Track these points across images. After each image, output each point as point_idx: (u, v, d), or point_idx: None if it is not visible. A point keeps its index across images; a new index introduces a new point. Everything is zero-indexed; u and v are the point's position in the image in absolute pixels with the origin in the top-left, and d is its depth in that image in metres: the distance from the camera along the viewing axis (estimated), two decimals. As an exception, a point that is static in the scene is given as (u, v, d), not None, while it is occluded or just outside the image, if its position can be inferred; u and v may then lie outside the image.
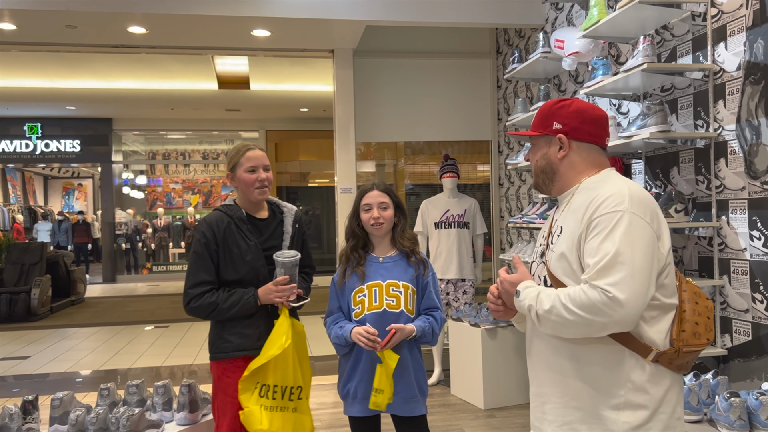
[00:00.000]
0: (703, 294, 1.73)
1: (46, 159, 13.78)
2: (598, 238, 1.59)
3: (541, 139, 1.83)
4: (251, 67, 9.99)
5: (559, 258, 1.70)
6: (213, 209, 2.68)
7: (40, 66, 9.60)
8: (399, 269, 2.63)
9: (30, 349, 7.48)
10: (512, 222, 4.70)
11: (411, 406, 2.58)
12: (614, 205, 1.60)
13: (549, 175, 1.82)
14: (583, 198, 1.70)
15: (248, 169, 2.58)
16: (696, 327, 1.64)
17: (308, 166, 15.11)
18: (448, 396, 5.11)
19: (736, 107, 3.07)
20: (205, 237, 2.54)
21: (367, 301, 2.58)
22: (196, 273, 2.52)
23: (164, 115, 13.39)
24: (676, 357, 1.63)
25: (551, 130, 1.79)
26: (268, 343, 2.50)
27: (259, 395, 2.46)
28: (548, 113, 1.81)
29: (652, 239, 1.60)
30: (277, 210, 2.75)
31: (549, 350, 1.73)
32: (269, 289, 2.52)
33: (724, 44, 3.13)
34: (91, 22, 4.82)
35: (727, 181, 3.13)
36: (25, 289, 9.47)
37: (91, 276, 15.37)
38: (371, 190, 2.66)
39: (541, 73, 4.80)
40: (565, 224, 1.72)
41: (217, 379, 2.58)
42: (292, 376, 2.52)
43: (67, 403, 2.66)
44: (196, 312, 2.53)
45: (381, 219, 2.60)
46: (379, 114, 5.82)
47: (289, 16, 4.76)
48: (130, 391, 2.82)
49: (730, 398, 2.49)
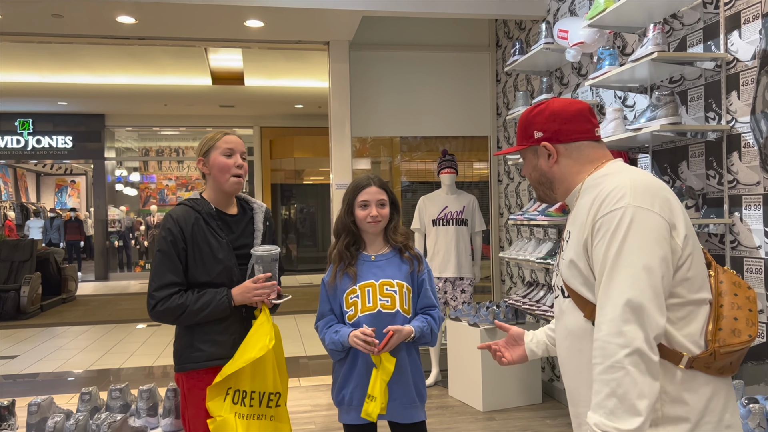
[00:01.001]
0: (744, 283, 1.55)
1: (37, 155, 13.59)
2: (603, 241, 1.46)
3: (527, 151, 1.72)
4: (245, 62, 9.83)
5: (569, 266, 1.57)
6: (177, 203, 2.44)
7: (32, 60, 9.41)
8: (393, 267, 2.47)
9: (18, 348, 7.31)
10: (512, 219, 4.56)
11: (410, 412, 2.43)
12: (615, 202, 1.46)
13: (547, 185, 1.71)
14: (586, 198, 1.57)
15: (225, 152, 2.36)
16: (734, 323, 1.47)
17: (303, 163, 14.95)
18: (446, 398, 4.97)
19: (750, 98, 2.93)
20: (172, 234, 2.29)
21: (360, 303, 2.42)
22: (161, 274, 2.28)
23: (158, 111, 13.22)
24: (713, 360, 1.45)
25: (534, 140, 1.68)
26: (246, 345, 2.28)
27: (232, 402, 2.24)
28: (526, 123, 1.70)
29: (664, 230, 1.44)
30: (247, 206, 2.54)
31: (583, 366, 1.56)
32: (247, 287, 2.31)
33: (738, 32, 3.00)
34: (78, 11, 4.65)
35: (740, 176, 3.00)
36: (15, 287, 9.30)
37: (84, 273, 15.20)
38: (368, 185, 2.47)
39: (542, 66, 4.66)
40: (573, 229, 1.59)
41: (188, 391, 2.36)
42: (271, 382, 2.32)
43: (45, 408, 2.50)
44: (162, 316, 2.29)
45: (379, 216, 2.44)
46: (375, 108, 5.67)
47: (283, 6, 4.60)
48: (113, 396, 2.66)
49: (748, 404, 2.35)
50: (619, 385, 1.36)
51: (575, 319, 1.57)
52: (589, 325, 1.51)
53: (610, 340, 1.38)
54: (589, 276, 1.52)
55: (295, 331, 7.91)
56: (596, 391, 1.41)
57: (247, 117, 13.85)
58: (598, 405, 1.39)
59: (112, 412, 2.55)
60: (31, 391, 5.51)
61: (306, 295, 10.97)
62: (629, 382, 1.36)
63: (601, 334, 1.41)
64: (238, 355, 2.30)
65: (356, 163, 9.83)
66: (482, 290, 6.13)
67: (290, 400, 4.93)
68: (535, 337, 1.95)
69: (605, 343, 1.39)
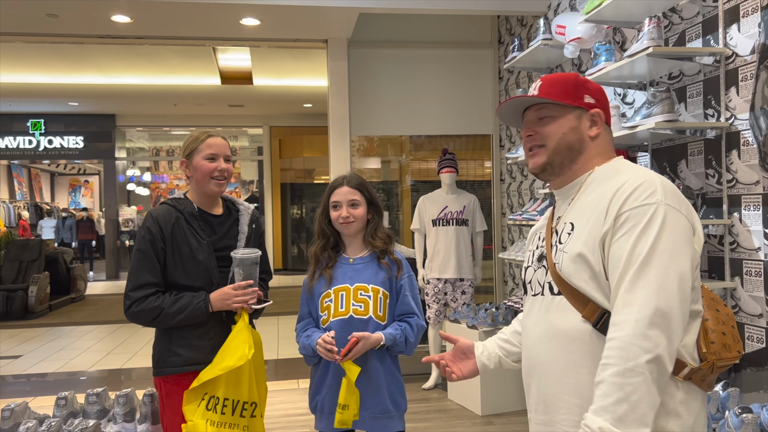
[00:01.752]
0: (720, 300, 1.49)
1: (49, 155, 13.67)
2: (630, 236, 1.34)
3: (570, 111, 1.56)
4: (254, 61, 9.81)
5: (576, 260, 1.43)
6: (160, 203, 2.39)
7: (42, 61, 9.46)
8: (369, 271, 2.37)
9: (23, 347, 7.33)
10: (512, 219, 4.46)
11: (383, 422, 2.33)
12: (647, 196, 1.36)
13: (574, 154, 1.56)
14: (598, 190, 1.46)
15: (207, 157, 2.32)
16: (723, 338, 1.40)
17: (313, 162, 14.90)
18: (445, 401, 4.88)
19: (749, 94, 2.81)
20: (151, 233, 2.25)
21: (333, 307, 2.34)
22: (139, 274, 2.23)
23: (168, 111, 13.25)
24: (709, 373, 1.38)
25: (584, 103, 1.55)
26: (224, 352, 2.23)
27: (206, 408, 2.18)
28: (575, 85, 1.57)
29: (690, 235, 1.37)
30: (233, 208, 2.49)
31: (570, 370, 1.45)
32: (226, 293, 2.25)
33: (737, 26, 2.88)
34: (73, 11, 4.63)
35: (739, 175, 2.88)
36: (23, 287, 9.34)
37: (96, 273, 15.29)
38: (341, 185, 2.40)
39: (543, 62, 4.55)
40: (578, 221, 1.47)
41: (165, 396, 2.31)
42: (247, 391, 2.25)
43: (18, 414, 2.46)
44: (137, 318, 2.24)
45: (351, 217, 2.36)
46: (375, 107, 5.60)
47: (279, 3, 4.55)
48: (90, 401, 2.61)
49: (741, 414, 2.25)
50: (634, 391, 1.25)
51: (568, 319, 1.44)
52: (586, 326, 1.40)
53: (633, 342, 1.27)
54: (600, 272, 1.39)
55: (299, 332, 7.86)
56: (604, 394, 1.28)
57: (256, 116, 13.84)
58: (604, 409, 1.27)
59: (88, 418, 2.50)
60: (30, 391, 5.50)
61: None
62: (645, 390, 1.26)
63: (623, 334, 1.28)
64: (216, 361, 2.25)
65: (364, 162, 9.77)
66: (485, 291, 6.03)
67: (287, 402, 4.91)
68: (486, 349, 1.81)
69: (627, 344, 1.27)
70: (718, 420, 2.44)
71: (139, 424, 2.59)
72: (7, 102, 12.03)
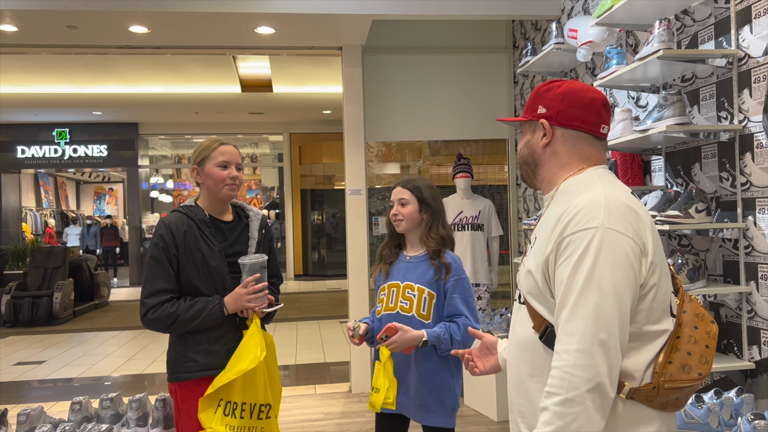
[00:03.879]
0: (708, 316, 1.44)
1: (74, 164, 13.92)
2: (569, 262, 1.34)
3: (527, 125, 1.60)
4: (273, 69, 9.90)
5: (527, 276, 1.47)
6: (172, 210, 2.45)
7: (67, 72, 9.65)
8: (420, 271, 2.50)
9: (47, 353, 7.46)
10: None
11: (422, 414, 2.45)
12: (587, 221, 1.34)
13: (531, 167, 1.58)
14: (558, 207, 1.44)
15: (220, 164, 2.36)
16: (687, 358, 1.35)
17: (332, 168, 14.97)
18: (462, 407, 4.87)
19: (762, 96, 2.78)
20: (163, 240, 2.29)
21: (386, 301, 2.53)
22: (153, 280, 2.27)
23: (189, 119, 13.42)
24: (655, 394, 1.33)
25: (535, 114, 1.55)
26: (237, 357, 2.26)
27: (223, 414, 2.22)
28: (536, 96, 1.57)
29: (634, 256, 1.33)
30: (243, 214, 2.53)
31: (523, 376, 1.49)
32: (238, 293, 2.29)
33: (749, 27, 2.85)
34: (91, 22, 4.72)
35: (753, 178, 2.84)
36: (48, 293, 9.51)
37: (119, 279, 15.51)
38: (396, 186, 2.60)
39: (557, 66, 4.54)
40: (539, 235, 1.47)
41: (181, 402, 2.34)
42: (262, 393, 2.29)
43: (34, 418, 2.51)
44: (154, 324, 2.28)
45: (399, 215, 2.52)
46: (390, 113, 5.62)
47: (293, 12, 4.59)
48: (104, 405, 2.65)
49: (754, 420, 2.22)
50: (574, 420, 1.26)
51: (525, 328, 1.48)
52: (536, 338, 1.43)
53: (574, 373, 1.27)
54: (544, 291, 1.41)
55: (317, 337, 7.89)
56: (545, 422, 1.30)
57: (276, 123, 13.96)
58: None
59: (102, 422, 2.54)
60: (52, 396, 5.60)
61: (332, 300, 10.97)
62: (585, 419, 1.26)
63: (563, 363, 1.29)
64: (229, 366, 2.28)
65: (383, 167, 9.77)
66: (502, 296, 6.00)
67: (303, 408, 4.93)
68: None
69: (569, 375, 1.28)
70: (731, 426, 2.40)
71: (152, 428, 2.63)
72: (33, 112, 12.28)
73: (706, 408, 2.38)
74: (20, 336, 8.65)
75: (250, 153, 16.73)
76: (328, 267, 15.09)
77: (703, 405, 2.41)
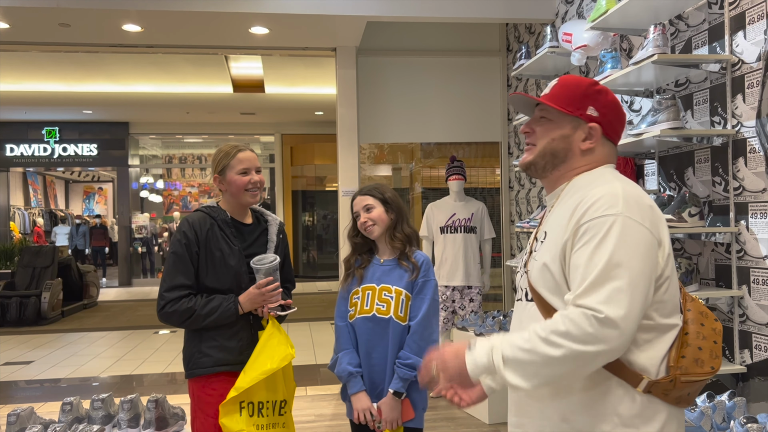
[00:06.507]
0: (711, 315, 1.47)
1: (64, 163, 13.82)
2: (588, 247, 1.34)
3: (566, 118, 1.52)
4: (265, 69, 9.87)
5: (542, 269, 1.45)
6: (194, 210, 2.49)
7: (57, 70, 9.58)
8: (396, 273, 2.48)
9: (35, 353, 7.39)
10: (519, 227, 4.45)
11: None
12: (606, 208, 1.35)
13: (557, 161, 1.54)
14: (572, 200, 1.45)
15: (240, 171, 2.40)
16: (699, 353, 1.38)
17: (324, 169, 14.95)
18: (453, 409, 4.86)
19: (755, 101, 2.80)
20: (186, 237, 2.34)
21: (360, 304, 2.48)
22: (173, 276, 2.33)
23: (180, 119, 13.35)
24: (672, 388, 1.36)
25: (585, 114, 1.51)
26: (260, 357, 2.29)
27: (249, 415, 2.26)
28: (584, 94, 1.51)
29: (651, 246, 1.35)
30: (261, 218, 2.58)
31: None
32: (253, 293, 2.33)
33: (743, 33, 2.87)
34: (84, 20, 4.69)
35: (746, 183, 2.86)
36: (36, 293, 9.41)
37: (108, 279, 15.40)
38: (355, 197, 2.56)
39: (550, 70, 4.55)
40: (550, 229, 1.48)
41: (196, 398, 2.37)
42: (282, 390, 2.37)
43: (24, 419, 2.48)
44: (170, 318, 2.33)
45: (369, 221, 2.48)
46: (383, 115, 5.61)
47: (287, 12, 4.58)
48: (95, 406, 2.63)
49: (746, 424, 2.23)
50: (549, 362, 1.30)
51: None
52: None
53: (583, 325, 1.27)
54: (561, 283, 1.41)
55: (308, 339, 7.87)
56: (524, 338, 1.33)
57: (268, 124, 13.91)
58: (512, 343, 1.34)
59: (93, 423, 2.52)
60: (41, 397, 5.54)
61: (324, 302, 10.94)
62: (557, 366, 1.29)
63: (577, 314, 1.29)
64: (254, 367, 2.30)
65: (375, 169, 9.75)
66: (494, 298, 6.01)
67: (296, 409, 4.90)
68: None
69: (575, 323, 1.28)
70: (724, 430, 2.41)
71: (144, 429, 2.61)
72: (22, 110, 12.18)
73: (699, 411, 2.39)
74: (8, 336, 8.57)
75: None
76: (319, 268, 15.06)
77: (696, 408, 2.42)
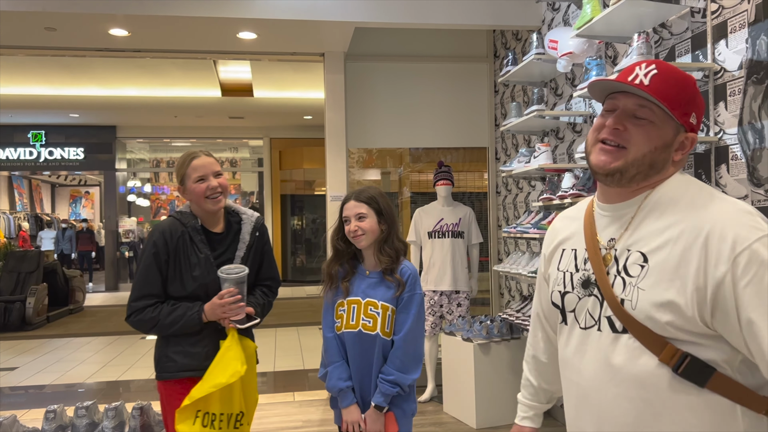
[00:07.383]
0: None
1: (50, 167, 13.72)
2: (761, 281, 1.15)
3: (671, 123, 1.29)
4: (254, 74, 9.86)
5: (665, 305, 1.22)
6: (167, 215, 2.50)
7: (43, 73, 9.52)
8: (382, 287, 2.40)
9: (19, 360, 7.33)
10: (506, 232, 4.47)
11: None
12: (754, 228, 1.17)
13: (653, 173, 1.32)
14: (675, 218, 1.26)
15: (196, 179, 2.38)
16: None
17: (313, 174, 14.94)
18: (441, 414, 4.87)
19: (737, 109, 2.83)
20: (156, 246, 2.34)
21: (345, 318, 2.40)
22: (141, 285, 2.34)
23: (168, 123, 13.30)
24: None
25: (688, 122, 1.31)
26: (215, 369, 2.27)
27: (202, 425, 2.24)
28: (692, 97, 1.31)
29: None
30: (234, 219, 2.53)
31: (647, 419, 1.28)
32: (214, 304, 2.32)
33: (725, 42, 2.90)
34: (70, 24, 4.67)
35: (728, 189, 2.90)
36: (21, 298, 9.34)
37: (95, 284, 15.29)
38: (348, 200, 2.44)
39: (537, 76, 4.58)
40: (653, 253, 1.26)
41: (165, 400, 2.39)
42: (237, 403, 2.32)
43: (7, 426, 2.46)
44: (137, 326, 2.35)
45: (359, 230, 2.38)
46: (372, 120, 5.62)
47: (275, 18, 4.58)
48: (79, 414, 2.61)
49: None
50: None
51: (641, 362, 1.27)
52: (665, 371, 1.24)
53: None
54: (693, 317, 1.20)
55: (296, 344, 7.85)
56: None
57: (256, 128, 13.89)
58: None
59: (77, 431, 2.50)
60: (25, 404, 5.49)
61: (312, 306, 10.92)
62: None
63: None
64: (207, 378, 2.29)
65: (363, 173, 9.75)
66: (481, 303, 6.03)
67: (282, 415, 4.90)
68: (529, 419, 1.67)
69: None
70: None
71: (129, 437, 2.59)
72: (8, 113, 12.09)
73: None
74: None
75: (230, 157, 16.64)
76: (307, 273, 15.03)
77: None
